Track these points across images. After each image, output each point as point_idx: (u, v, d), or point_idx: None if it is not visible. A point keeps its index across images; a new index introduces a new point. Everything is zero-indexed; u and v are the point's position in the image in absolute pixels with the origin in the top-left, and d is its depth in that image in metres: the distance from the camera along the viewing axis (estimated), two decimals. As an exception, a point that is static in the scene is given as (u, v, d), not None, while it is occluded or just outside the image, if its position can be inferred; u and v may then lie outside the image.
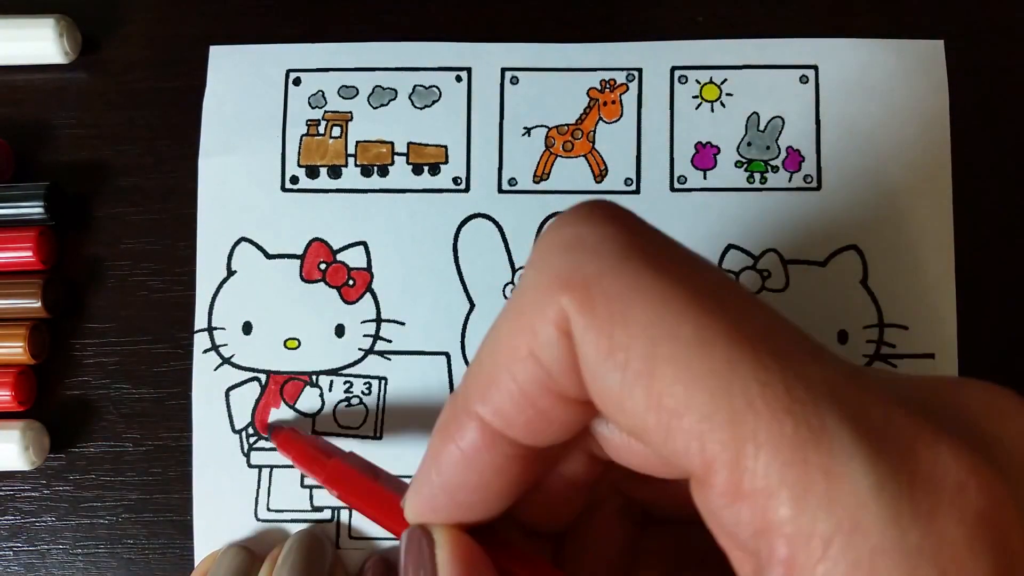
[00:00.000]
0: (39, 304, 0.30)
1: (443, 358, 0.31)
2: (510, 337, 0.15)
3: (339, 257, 0.31)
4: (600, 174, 0.31)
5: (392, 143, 0.32)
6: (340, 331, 0.31)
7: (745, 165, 0.31)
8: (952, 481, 0.13)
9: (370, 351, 0.31)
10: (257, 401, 0.31)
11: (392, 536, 0.30)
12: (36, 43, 0.32)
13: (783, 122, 0.31)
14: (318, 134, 0.32)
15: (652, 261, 0.14)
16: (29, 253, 0.31)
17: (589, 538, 0.20)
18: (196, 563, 0.30)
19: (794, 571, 0.13)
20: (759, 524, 0.13)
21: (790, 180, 0.31)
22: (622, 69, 0.32)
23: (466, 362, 0.31)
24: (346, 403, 0.31)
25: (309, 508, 0.30)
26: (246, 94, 0.32)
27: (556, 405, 0.15)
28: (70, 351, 0.32)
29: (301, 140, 0.32)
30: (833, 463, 0.12)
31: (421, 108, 0.32)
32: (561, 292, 0.14)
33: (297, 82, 0.32)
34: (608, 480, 0.20)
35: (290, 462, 0.28)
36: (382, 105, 0.32)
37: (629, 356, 0.14)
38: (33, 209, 0.31)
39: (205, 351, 0.31)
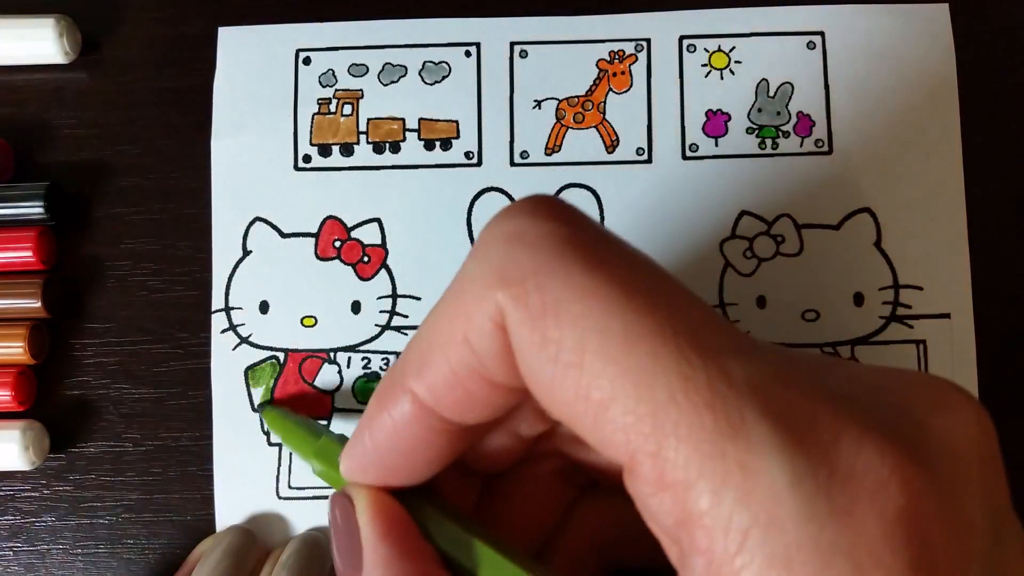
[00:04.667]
0: (39, 304, 0.30)
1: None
2: (447, 321, 0.16)
3: (354, 234, 0.31)
4: (612, 145, 0.31)
5: (403, 119, 0.32)
6: (356, 308, 0.31)
7: (756, 131, 0.31)
8: (873, 478, 0.13)
9: (387, 327, 0.31)
10: (276, 379, 0.31)
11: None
12: (36, 43, 0.32)
13: (792, 88, 0.31)
14: (329, 112, 0.32)
15: (588, 257, 0.15)
16: (29, 253, 0.31)
17: (521, 489, 0.20)
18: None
19: (712, 561, 0.13)
20: (680, 514, 0.13)
21: (801, 145, 0.31)
22: (631, 40, 0.32)
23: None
24: (365, 379, 0.31)
25: (330, 485, 0.30)
26: (256, 75, 0.32)
27: (485, 389, 0.16)
28: (70, 351, 0.32)
29: (313, 119, 0.32)
30: (750, 457, 0.13)
31: (431, 84, 0.32)
32: (498, 286, 0.15)
33: (307, 61, 0.32)
34: (552, 438, 0.20)
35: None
36: (392, 82, 0.32)
37: (560, 349, 0.14)
38: (33, 209, 0.31)
39: (223, 331, 0.31)
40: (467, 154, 0.32)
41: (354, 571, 0.18)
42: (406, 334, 0.31)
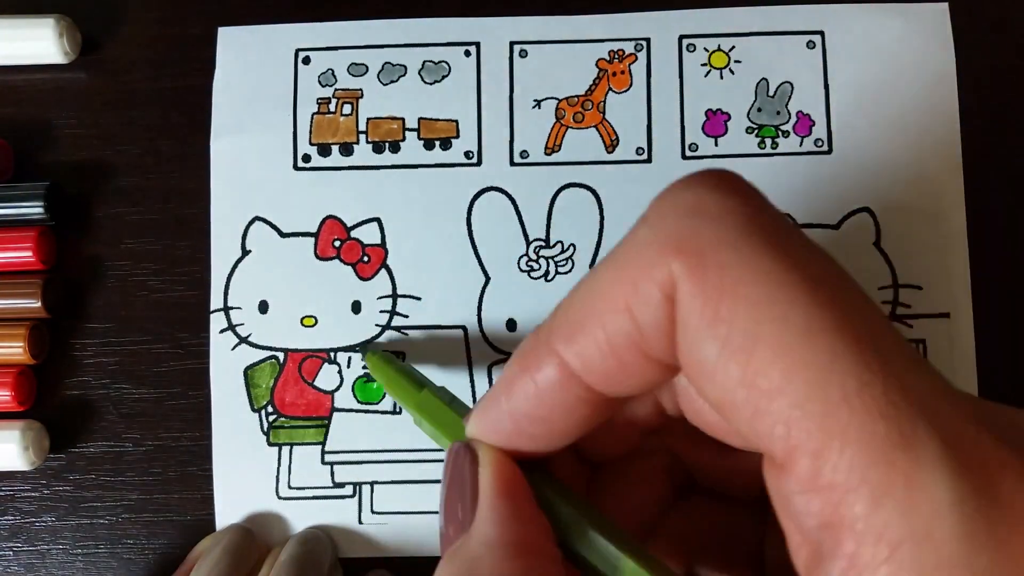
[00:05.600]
0: (39, 304, 0.30)
1: (460, 332, 0.31)
2: (609, 287, 0.15)
3: (353, 234, 0.31)
4: (611, 144, 0.31)
5: (403, 119, 0.32)
6: (356, 307, 0.31)
7: (756, 131, 0.31)
8: None
9: (387, 327, 0.31)
10: (276, 379, 0.31)
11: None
12: (36, 43, 0.32)
13: (792, 87, 0.31)
14: (329, 112, 0.32)
15: (771, 240, 0.14)
16: (29, 253, 0.31)
17: (624, 482, 0.20)
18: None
19: (856, 568, 0.13)
20: (829, 516, 0.13)
21: (801, 144, 0.31)
22: (630, 39, 0.32)
23: (483, 334, 0.31)
24: (365, 379, 0.31)
25: (331, 484, 0.30)
26: (256, 74, 0.32)
27: (639, 361, 0.15)
28: (70, 351, 0.31)
29: (312, 118, 0.32)
30: (918, 471, 0.13)
31: (431, 83, 0.32)
32: (674, 255, 0.14)
33: (307, 61, 0.32)
34: (665, 433, 0.20)
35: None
36: (392, 82, 0.32)
37: (731, 330, 0.14)
38: (33, 209, 0.31)
39: (222, 331, 0.31)
40: (467, 154, 0.32)
41: (459, 526, 0.17)
42: (406, 334, 0.31)
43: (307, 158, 0.32)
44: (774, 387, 0.13)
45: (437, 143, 0.32)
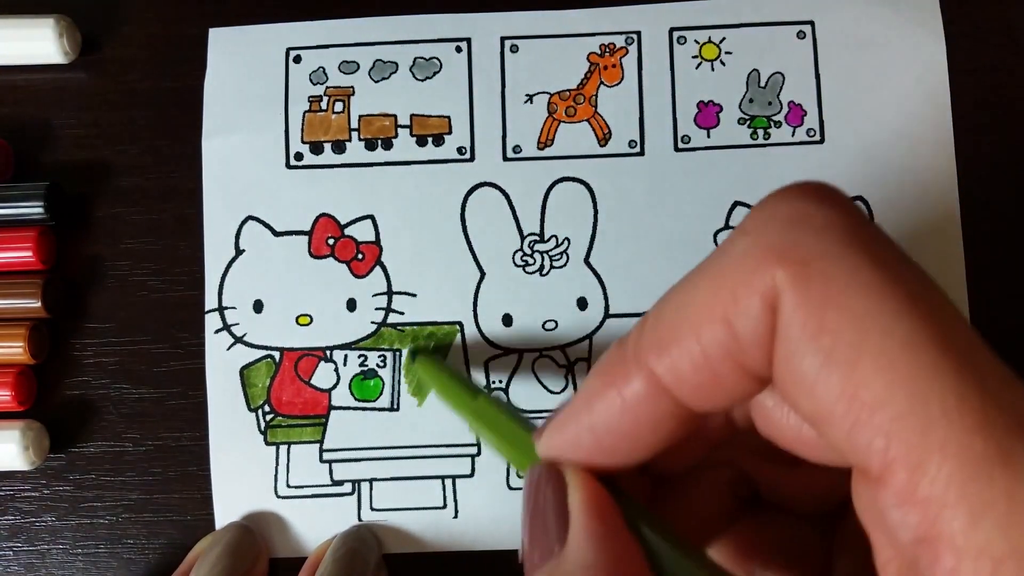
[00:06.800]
0: (39, 304, 0.30)
1: (456, 327, 0.31)
2: (705, 298, 0.15)
3: (347, 232, 0.31)
4: (604, 138, 0.31)
5: (395, 116, 0.32)
6: (352, 305, 0.31)
7: (748, 122, 0.31)
8: None
9: (383, 324, 0.31)
10: (272, 378, 0.31)
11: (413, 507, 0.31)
12: (36, 43, 0.31)
13: (783, 78, 0.31)
14: (320, 110, 0.32)
15: (874, 252, 0.14)
16: (29, 253, 0.31)
17: (690, 494, 0.20)
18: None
19: None
20: (926, 531, 0.13)
21: (793, 135, 0.31)
22: (621, 33, 0.32)
23: (479, 330, 0.31)
24: (361, 376, 0.31)
25: (329, 482, 0.30)
26: (247, 74, 0.32)
27: (733, 374, 0.15)
28: (70, 351, 0.31)
29: (304, 117, 0.32)
30: (1018, 487, 0.13)
31: (422, 80, 0.32)
32: (777, 264, 0.14)
33: (297, 59, 0.32)
34: (732, 446, 0.20)
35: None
36: (383, 79, 0.32)
37: (836, 342, 0.14)
38: (33, 209, 0.31)
39: (217, 331, 0.31)
40: (459, 149, 0.32)
41: (546, 552, 0.16)
42: (402, 331, 0.31)
43: (299, 156, 0.32)
44: (876, 400, 0.13)
45: (430, 139, 0.32)
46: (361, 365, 0.31)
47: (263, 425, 0.31)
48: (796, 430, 0.17)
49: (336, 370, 0.31)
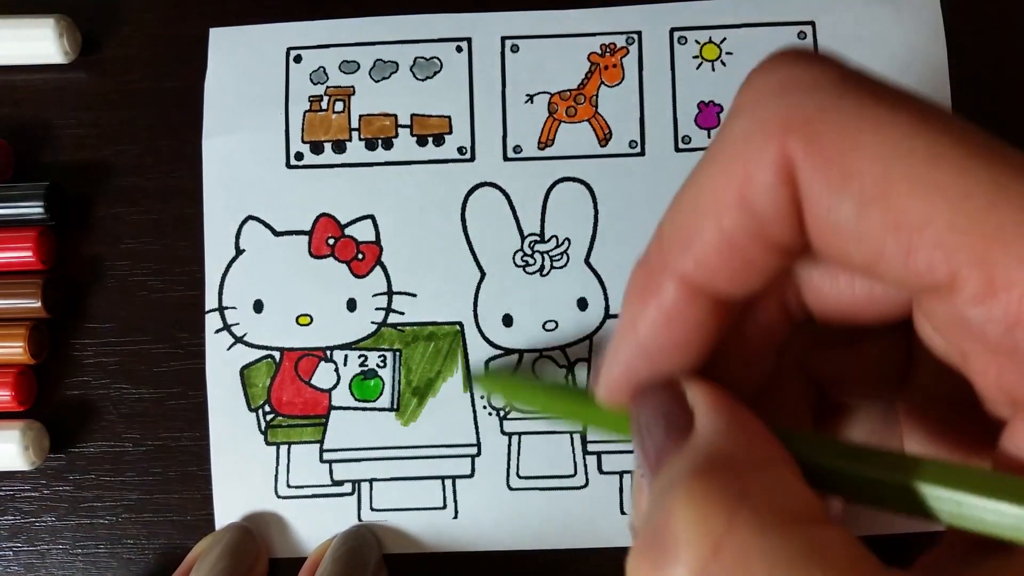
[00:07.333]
0: (39, 304, 0.30)
1: (456, 327, 0.31)
2: (716, 187, 0.15)
3: (347, 231, 0.31)
4: (604, 138, 0.31)
5: (395, 116, 0.32)
6: (352, 305, 0.31)
7: (748, 122, 0.31)
8: None
9: (383, 324, 0.31)
10: (272, 378, 0.31)
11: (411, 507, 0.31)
12: (36, 43, 0.31)
13: (784, 78, 0.31)
14: (321, 110, 0.32)
15: (870, 90, 0.14)
16: (29, 253, 0.30)
17: (769, 407, 0.19)
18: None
19: None
20: (1015, 315, 0.13)
21: (793, 135, 0.31)
22: (622, 33, 0.32)
23: (479, 330, 0.31)
24: (362, 376, 0.31)
25: (329, 482, 0.30)
26: (247, 74, 0.32)
27: (763, 252, 0.15)
28: (70, 351, 0.31)
29: (304, 116, 0.32)
30: None
31: (423, 80, 0.32)
32: (781, 133, 0.14)
33: (298, 59, 0.32)
34: (790, 355, 0.19)
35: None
36: (384, 78, 0.32)
37: (864, 182, 0.14)
38: (33, 209, 0.31)
39: (217, 331, 0.31)
40: (460, 149, 0.32)
41: (663, 452, 0.16)
42: (402, 331, 0.31)
43: (300, 156, 0.32)
44: (921, 219, 0.13)
45: (430, 139, 0.32)
46: (361, 365, 0.31)
47: (263, 425, 0.31)
48: (850, 292, 0.17)
49: (336, 370, 0.31)
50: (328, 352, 0.31)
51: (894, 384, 0.19)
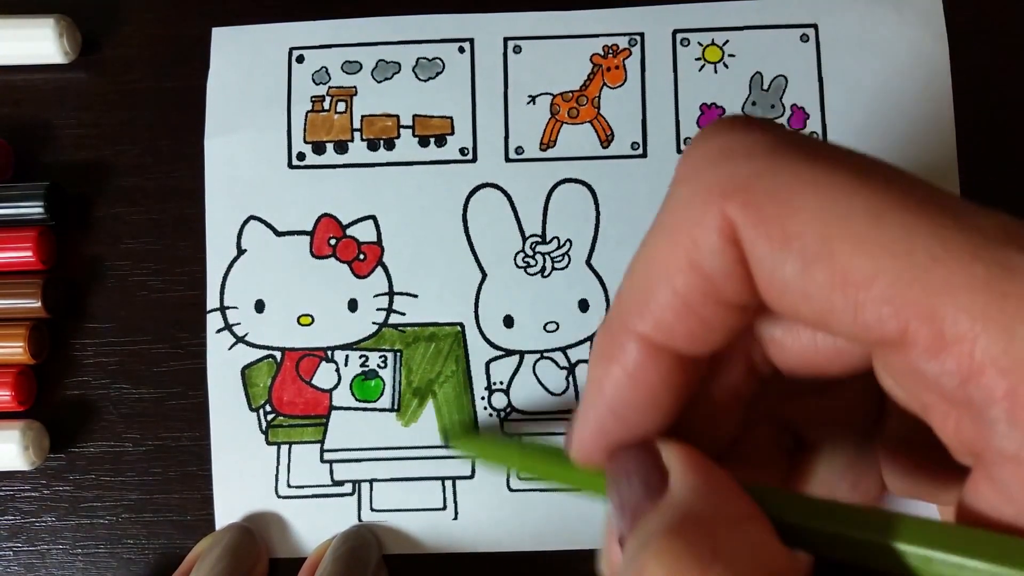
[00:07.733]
0: (39, 304, 0.30)
1: (457, 328, 0.31)
2: (666, 251, 0.15)
3: (349, 232, 0.31)
4: (607, 139, 0.31)
5: (397, 116, 0.32)
6: (353, 306, 0.31)
7: (750, 124, 0.31)
8: None
9: (384, 324, 0.31)
10: (273, 378, 0.31)
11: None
12: (36, 43, 0.31)
13: (786, 81, 0.31)
14: (323, 110, 0.32)
15: (805, 153, 0.14)
16: (29, 253, 0.30)
17: (741, 458, 0.20)
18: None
19: (1017, 403, 0.13)
20: (967, 369, 0.13)
21: (796, 137, 0.31)
22: (624, 34, 0.32)
23: (480, 332, 0.31)
24: (362, 377, 0.31)
25: (330, 482, 0.30)
26: (250, 73, 0.32)
27: (719, 312, 0.16)
28: (70, 351, 0.31)
29: (306, 117, 0.32)
30: None
31: (425, 80, 0.32)
32: (723, 200, 0.15)
33: (300, 59, 0.32)
34: (761, 406, 0.20)
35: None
36: (386, 79, 0.32)
37: (805, 242, 0.14)
38: (33, 209, 0.31)
39: (218, 331, 0.31)
40: (462, 150, 0.32)
41: (639, 510, 0.16)
42: (403, 331, 0.31)
43: (302, 156, 0.32)
44: (866, 275, 0.14)
45: (432, 140, 0.32)
46: (362, 365, 0.31)
47: (264, 425, 0.31)
48: (813, 347, 0.17)
49: (337, 370, 0.31)
50: (329, 352, 0.31)
51: (868, 427, 0.19)
